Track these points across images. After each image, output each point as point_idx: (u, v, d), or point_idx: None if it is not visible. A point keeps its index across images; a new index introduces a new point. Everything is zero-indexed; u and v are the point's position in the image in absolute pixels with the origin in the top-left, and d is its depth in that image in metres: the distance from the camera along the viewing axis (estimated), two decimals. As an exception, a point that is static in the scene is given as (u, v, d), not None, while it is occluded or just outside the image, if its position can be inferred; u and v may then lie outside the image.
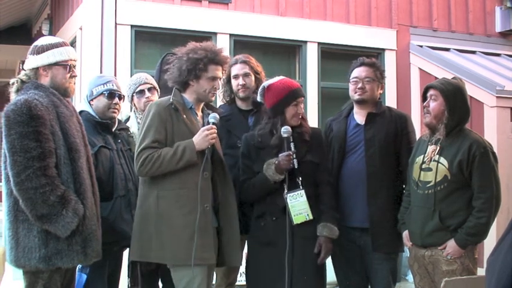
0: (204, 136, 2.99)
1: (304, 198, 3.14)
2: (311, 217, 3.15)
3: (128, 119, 3.90)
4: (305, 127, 3.31)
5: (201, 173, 2.98)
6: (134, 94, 3.78)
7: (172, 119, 3.03)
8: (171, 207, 2.99)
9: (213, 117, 3.11)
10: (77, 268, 3.14)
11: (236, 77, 3.68)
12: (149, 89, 3.74)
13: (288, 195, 3.15)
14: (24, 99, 2.70)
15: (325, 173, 3.27)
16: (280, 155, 3.15)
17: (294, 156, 3.17)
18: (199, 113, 3.21)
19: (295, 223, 3.15)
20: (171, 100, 3.05)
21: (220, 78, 3.18)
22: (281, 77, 3.34)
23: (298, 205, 3.15)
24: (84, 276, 3.18)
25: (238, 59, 3.73)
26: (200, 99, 3.17)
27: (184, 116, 3.05)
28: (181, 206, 2.98)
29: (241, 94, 3.67)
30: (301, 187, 3.16)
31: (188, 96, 3.14)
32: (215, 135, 3.04)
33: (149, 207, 3.04)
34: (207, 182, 3.03)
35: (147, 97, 3.70)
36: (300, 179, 3.17)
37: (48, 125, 2.72)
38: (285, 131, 3.20)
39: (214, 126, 3.06)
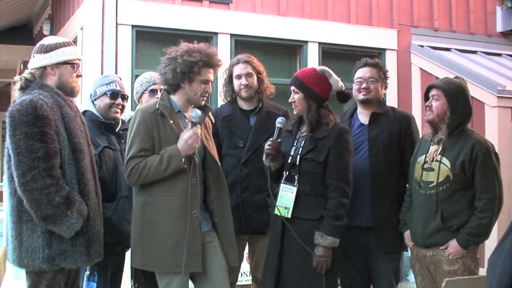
0: (184, 141, 2.92)
1: (293, 195, 3.11)
2: (288, 216, 3.11)
3: (131, 119, 3.90)
4: (322, 125, 3.15)
5: (189, 179, 2.95)
6: (146, 92, 3.77)
7: (159, 125, 2.97)
8: (157, 214, 2.95)
9: (194, 116, 2.96)
10: (85, 276, 3.14)
11: (239, 76, 3.67)
12: (161, 90, 3.72)
13: (283, 184, 3.17)
14: (30, 100, 2.69)
15: (333, 176, 3.07)
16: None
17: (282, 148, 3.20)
18: (189, 114, 3.12)
19: (274, 212, 3.18)
20: (156, 106, 2.99)
21: (212, 82, 3.10)
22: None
23: (285, 199, 3.14)
24: (94, 285, 3.16)
25: (241, 58, 3.73)
26: (191, 102, 3.09)
27: (171, 121, 2.98)
28: (167, 213, 2.94)
29: (243, 94, 3.67)
30: (295, 184, 3.13)
31: (178, 98, 3.07)
32: (198, 136, 2.95)
33: (136, 213, 3.04)
34: (195, 188, 2.99)
35: (158, 97, 3.68)
36: (297, 176, 3.13)
37: (53, 126, 2.71)
38: (281, 121, 3.24)
39: (196, 127, 2.96)
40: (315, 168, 3.11)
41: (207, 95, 3.10)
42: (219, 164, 3.18)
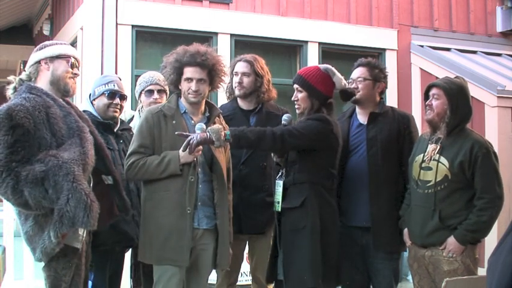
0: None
1: (280, 189, 3.18)
2: (278, 209, 3.19)
3: (131, 119, 3.90)
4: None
5: (188, 177, 3.04)
6: (143, 92, 3.78)
7: (161, 124, 3.11)
8: (153, 209, 3.08)
9: (199, 128, 3.09)
10: None
11: (236, 74, 3.70)
12: (159, 91, 3.73)
13: (276, 181, 3.26)
14: (8, 107, 2.64)
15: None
16: None
17: None
18: (198, 117, 3.23)
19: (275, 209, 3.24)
20: (160, 107, 3.17)
21: (198, 78, 3.14)
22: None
23: (277, 194, 3.23)
24: (89, 283, 3.16)
25: (243, 57, 3.74)
26: (187, 101, 3.20)
27: (174, 122, 3.11)
28: (162, 208, 3.05)
29: (236, 91, 3.70)
30: (283, 177, 3.20)
31: (183, 100, 3.22)
32: (201, 147, 3.04)
33: (141, 209, 3.18)
34: (192, 186, 3.07)
35: (155, 98, 3.70)
36: (284, 169, 3.20)
37: (30, 132, 2.63)
38: (286, 118, 3.29)
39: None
40: (295, 156, 3.18)
41: (195, 93, 3.15)
42: (223, 166, 3.22)
